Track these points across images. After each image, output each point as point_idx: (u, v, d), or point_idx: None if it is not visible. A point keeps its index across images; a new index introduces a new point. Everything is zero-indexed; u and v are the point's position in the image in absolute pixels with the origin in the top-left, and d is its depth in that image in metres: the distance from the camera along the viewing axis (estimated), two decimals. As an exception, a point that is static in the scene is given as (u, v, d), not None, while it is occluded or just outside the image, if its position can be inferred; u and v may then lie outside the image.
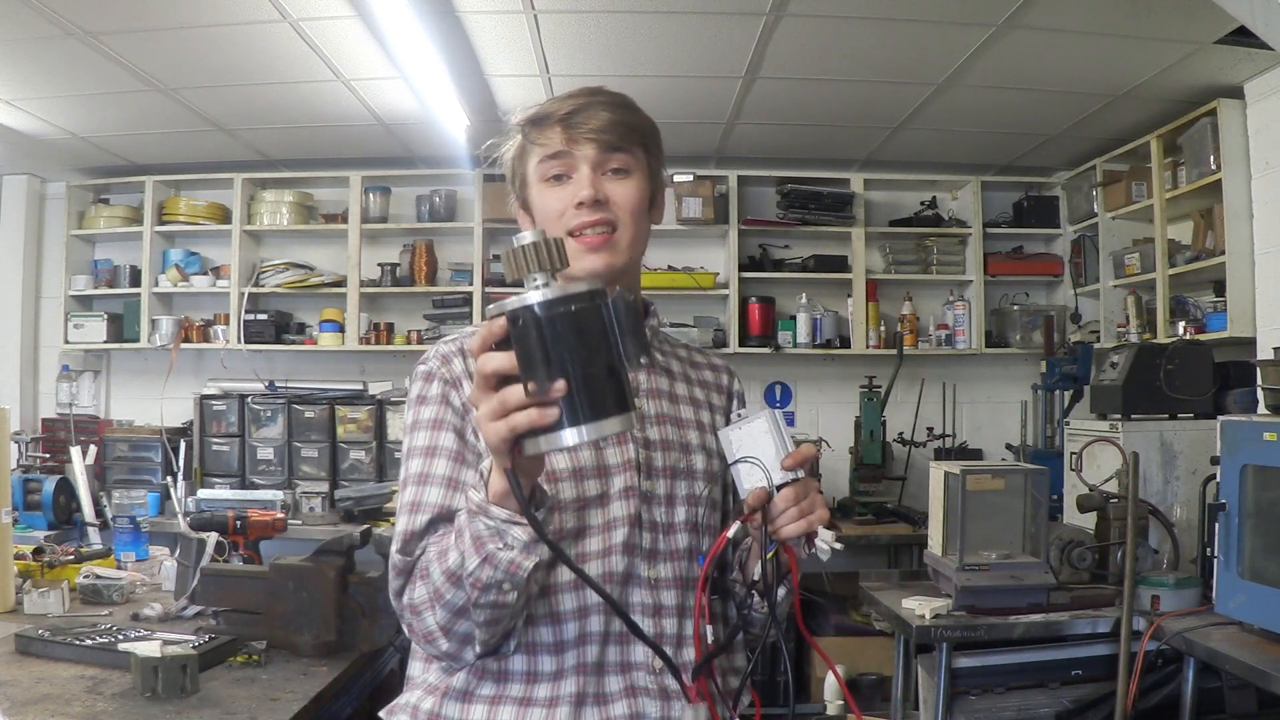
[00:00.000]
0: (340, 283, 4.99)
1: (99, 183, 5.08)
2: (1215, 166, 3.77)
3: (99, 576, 2.68)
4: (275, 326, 4.97)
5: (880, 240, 5.15)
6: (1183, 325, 3.99)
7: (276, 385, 4.97)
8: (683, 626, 1.25)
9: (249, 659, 2.07)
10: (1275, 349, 2.92)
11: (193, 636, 2.14)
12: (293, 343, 5.02)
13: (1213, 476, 2.73)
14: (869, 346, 4.98)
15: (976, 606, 2.68)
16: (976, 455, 4.92)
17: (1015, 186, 5.21)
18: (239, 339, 4.93)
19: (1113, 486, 3.00)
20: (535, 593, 1.17)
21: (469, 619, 1.10)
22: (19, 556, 2.78)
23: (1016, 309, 5.10)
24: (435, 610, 1.12)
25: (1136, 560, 2.70)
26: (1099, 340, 4.60)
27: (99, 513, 4.07)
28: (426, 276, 5.02)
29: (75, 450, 4.23)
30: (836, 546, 1.18)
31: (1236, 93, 3.68)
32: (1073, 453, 3.45)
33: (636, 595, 1.23)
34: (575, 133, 1.25)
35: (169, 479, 4.31)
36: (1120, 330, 4.49)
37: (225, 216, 5.05)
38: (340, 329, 4.96)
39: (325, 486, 4.73)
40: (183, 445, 4.84)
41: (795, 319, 5.00)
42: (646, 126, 1.31)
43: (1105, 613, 2.73)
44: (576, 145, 1.25)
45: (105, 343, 5.02)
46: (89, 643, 2.10)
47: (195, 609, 2.44)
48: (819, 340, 5.01)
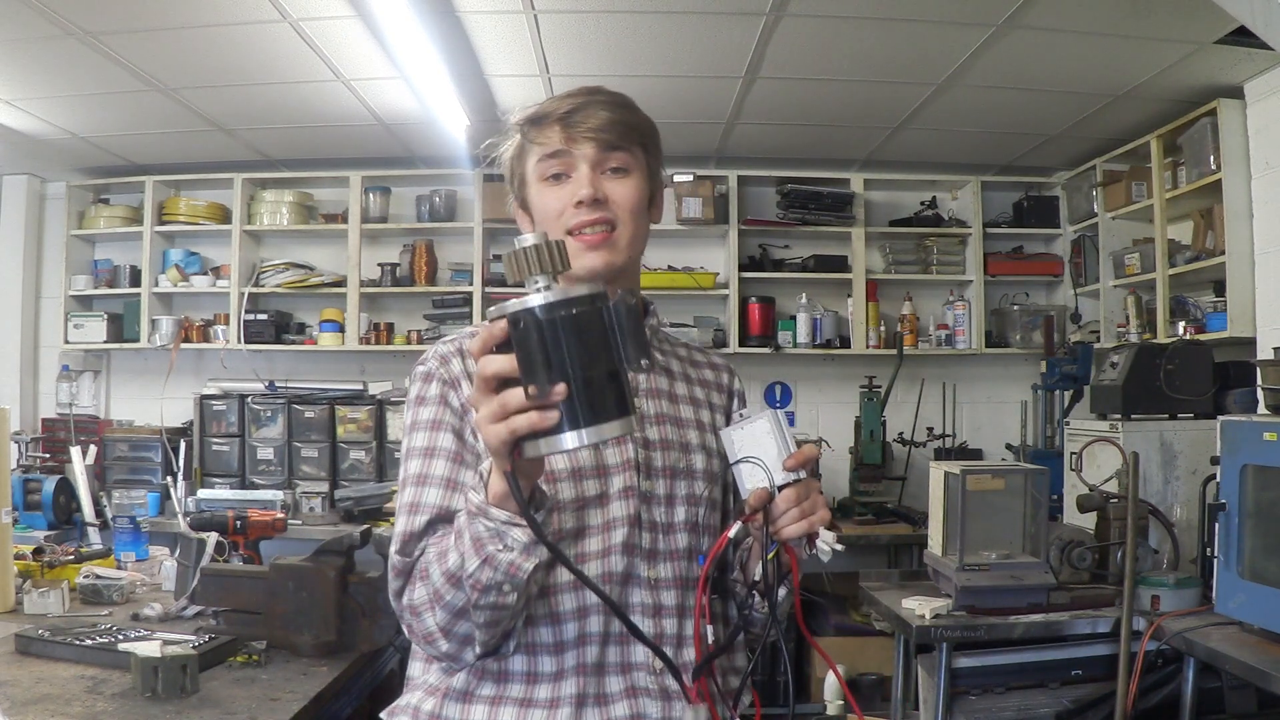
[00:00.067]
0: (340, 283, 4.99)
1: (99, 183, 5.08)
2: (1215, 166, 3.77)
3: (99, 576, 2.68)
4: (275, 326, 4.97)
5: (880, 240, 5.15)
6: (1183, 325, 3.98)
7: (276, 385, 4.97)
8: (683, 626, 1.25)
9: (249, 659, 2.07)
10: (1275, 349, 2.92)
11: (193, 636, 2.14)
12: (293, 343, 5.02)
13: (1213, 476, 2.73)
14: (869, 346, 4.98)
15: (976, 606, 2.68)
16: (976, 455, 4.91)
17: (1015, 186, 5.20)
18: (239, 339, 4.93)
19: (1113, 486, 3.00)
20: (535, 593, 1.17)
21: (469, 620, 1.10)
22: (19, 556, 2.78)
23: (1016, 309, 5.10)
24: (435, 611, 1.12)
25: (1136, 560, 2.70)
26: (1099, 340, 4.60)
27: (99, 513, 4.06)
28: (426, 276, 5.02)
29: (75, 450, 4.22)
30: (838, 548, 1.18)
31: (1236, 93, 3.68)
32: (1073, 453, 3.45)
33: (636, 595, 1.23)
34: (574, 132, 1.24)
35: (169, 479, 4.30)
36: (1120, 330, 4.49)
37: (225, 216, 5.05)
38: (340, 329, 4.96)
39: (325, 486, 4.73)
40: (183, 445, 4.84)
41: (795, 319, 5.00)
42: (645, 126, 1.31)
43: (1105, 613, 2.73)
44: (575, 144, 1.25)
45: (105, 343, 5.02)
46: (89, 643, 2.10)
47: (195, 609, 2.44)
48: (819, 340, 5.01)
